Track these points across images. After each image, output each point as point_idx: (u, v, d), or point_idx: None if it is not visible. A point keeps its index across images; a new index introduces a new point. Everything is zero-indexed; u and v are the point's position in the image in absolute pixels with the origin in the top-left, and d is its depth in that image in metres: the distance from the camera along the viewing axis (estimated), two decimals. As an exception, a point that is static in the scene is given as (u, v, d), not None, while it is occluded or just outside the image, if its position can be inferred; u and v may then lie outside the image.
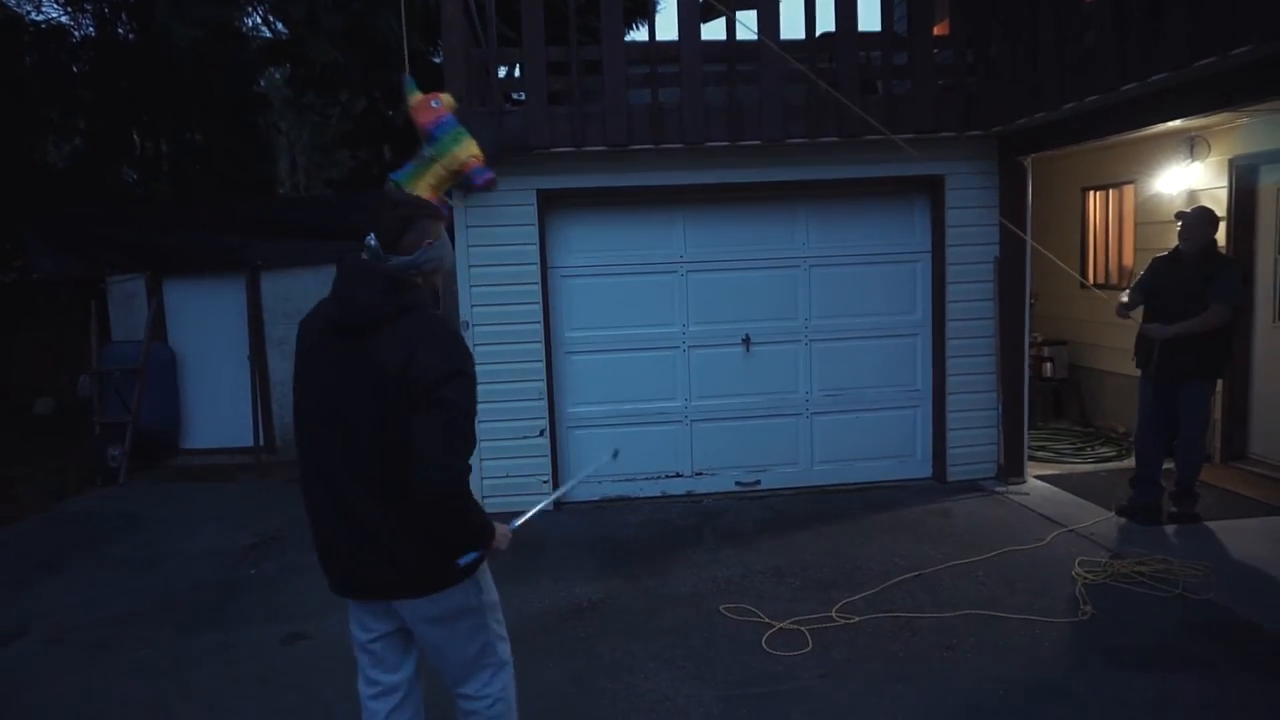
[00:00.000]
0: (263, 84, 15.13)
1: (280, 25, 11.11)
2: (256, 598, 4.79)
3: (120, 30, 11.22)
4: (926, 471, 6.51)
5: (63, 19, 11.71)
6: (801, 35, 5.88)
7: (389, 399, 2.14)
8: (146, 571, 5.27)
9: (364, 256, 2.26)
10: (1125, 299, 5.41)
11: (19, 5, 11.48)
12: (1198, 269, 4.99)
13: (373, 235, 2.24)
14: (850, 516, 5.78)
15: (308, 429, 2.32)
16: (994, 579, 4.60)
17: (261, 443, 7.98)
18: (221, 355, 8.10)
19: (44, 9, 12.02)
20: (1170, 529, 5.20)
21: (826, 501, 6.14)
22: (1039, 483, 6.26)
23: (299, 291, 8.15)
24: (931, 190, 6.25)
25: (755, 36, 5.64)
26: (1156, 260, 5.28)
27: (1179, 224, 5.13)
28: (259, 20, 11.31)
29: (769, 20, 5.68)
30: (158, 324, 8.06)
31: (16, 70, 10.58)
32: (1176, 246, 5.15)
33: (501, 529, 2.36)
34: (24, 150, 10.77)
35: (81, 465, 7.72)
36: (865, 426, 6.45)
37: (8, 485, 7.30)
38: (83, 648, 4.22)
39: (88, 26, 11.50)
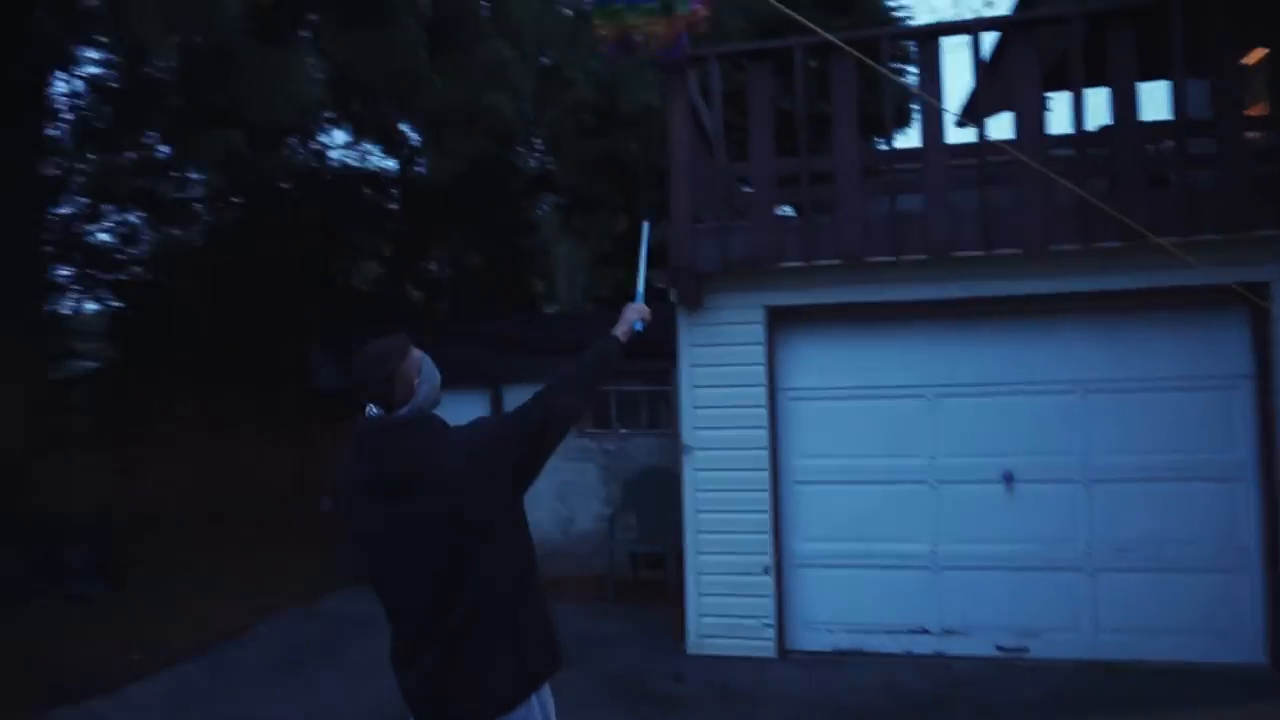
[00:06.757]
0: (544, 209, 16.49)
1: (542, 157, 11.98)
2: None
3: (417, 168, 12.69)
4: (1258, 656, 5.07)
5: (384, 163, 13.51)
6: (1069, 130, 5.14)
7: (467, 514, 2.24)
8: (374, 680, 5.30)
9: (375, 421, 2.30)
10: None
11: (345, 154, 13.39)
12: None
13: (371, 406, 2.29)
14: (1150, 708, 4.59)
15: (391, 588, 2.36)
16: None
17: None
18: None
19: (369, 159, 13.91)
20: None
21: (1117, 682, 4.95)
22: None
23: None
24: (1250, 300, 5.08)
25: (1012, 139, 5.00)
26: None
27: None
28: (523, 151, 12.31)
29: (1031, 121, 5.01)
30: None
31: (343, 208, 12.26)
32: None
33: (630, 312, 2.73)
34: (333, 275, 12.38)
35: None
36: (1168, 591, 5.20)
37: (281, 578, 7.94)
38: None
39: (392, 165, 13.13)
